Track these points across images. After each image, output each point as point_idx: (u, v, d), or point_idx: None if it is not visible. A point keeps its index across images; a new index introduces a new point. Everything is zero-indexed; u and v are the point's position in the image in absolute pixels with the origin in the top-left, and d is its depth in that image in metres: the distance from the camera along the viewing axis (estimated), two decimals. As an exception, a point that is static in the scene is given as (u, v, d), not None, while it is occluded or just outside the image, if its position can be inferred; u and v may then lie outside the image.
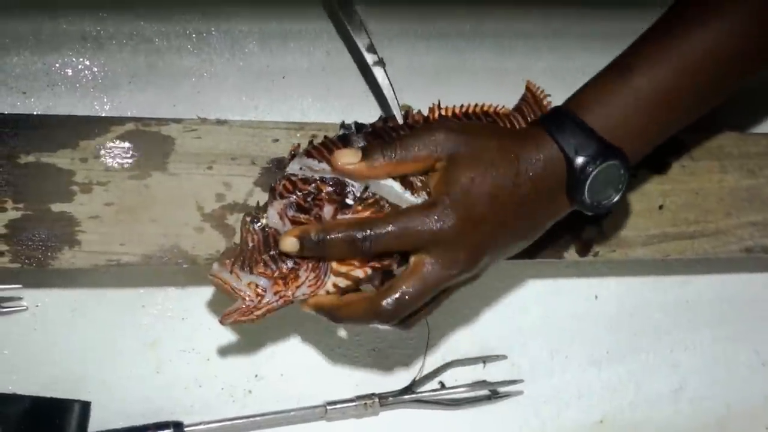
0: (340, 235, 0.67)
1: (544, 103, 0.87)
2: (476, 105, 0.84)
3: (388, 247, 0.67)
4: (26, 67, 0.88)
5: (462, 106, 0.83)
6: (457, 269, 0.68)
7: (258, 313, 0.69)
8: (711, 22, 0.69)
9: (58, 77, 0.89)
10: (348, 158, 0.68)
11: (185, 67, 0.93)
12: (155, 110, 0.91)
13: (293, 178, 0.71)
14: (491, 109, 0.85)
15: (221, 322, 0.70)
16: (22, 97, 0.88)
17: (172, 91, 0.92)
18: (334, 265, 0.70)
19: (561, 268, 1.09)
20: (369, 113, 0.80)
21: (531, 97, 0.89)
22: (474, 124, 0.77)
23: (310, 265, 0.69)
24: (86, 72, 0.90)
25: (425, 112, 0.81)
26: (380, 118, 0.78)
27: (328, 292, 0.72)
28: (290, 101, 0.97)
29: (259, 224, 0.69)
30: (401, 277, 0.68)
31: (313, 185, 0.70)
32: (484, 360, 1.05)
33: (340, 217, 0.69)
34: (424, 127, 0.70)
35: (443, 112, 0.81)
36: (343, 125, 0.77)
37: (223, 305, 0.91)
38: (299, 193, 0.70)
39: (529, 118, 0.86)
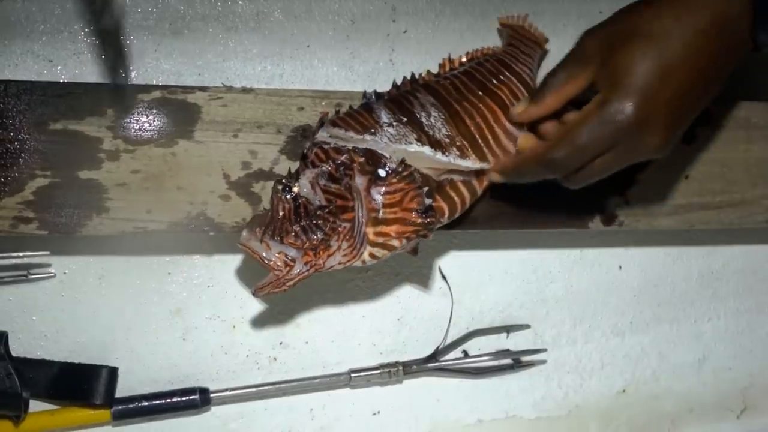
0: (534, 164, 0.70)
1: (526, 25, 0.94)
2: (476, 50, 0.86)
3: (583, 160, 0.68)
4: (52, 35, 0.88)
5: (467, 53, 0.85)
6: (650, 154, 0.68)
7: (290, 283, 0.69)
8: None
9: (84, 45, 0.89)
10: (520, 107, 0.76)
11: (210, 36, 0.93)
12: (181, 78, 0.92)
13: (325, 147, 0.71)
14: (489, 51, 0.88)
15: (254, 294, 0.70)
16: (48, 65, 0.88)
17: (197, 59, 0.92)
18: (370, 235, 0.70)
19: (585, 238, 1.09)
20: (393, 81, 0.80)
21: (512, 29, 0.95)
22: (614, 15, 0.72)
23: (342, 235, 0.70)
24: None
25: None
26: (393, 85, 0.80)
27: (364, 262, 0.72)
28: (315, 69, 0.97)
29: (290, 193, 0.69)
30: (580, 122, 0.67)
31: (346, 155, 0.70)
32: (508, 329, 1.05)
33: (373, 189, 0.70)
34: (572, 49, 0.71)
35: (452, 65, 0.85)
36: (365, 95, 0.78)
37: (249, 273, 0.93)
38: (331, 163, 0.70)
39: (522, 47, 0.90)
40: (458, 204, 0.78)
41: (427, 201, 0.70)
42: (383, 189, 0.70)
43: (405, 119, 0.73)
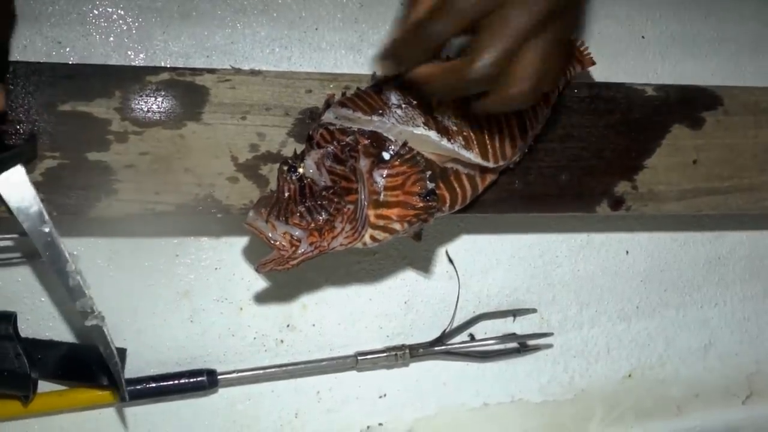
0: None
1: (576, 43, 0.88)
2: None
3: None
4: (61, 17, 0.88)
5: None
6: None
7: (293, 262, 0.69)
8: None
9: (93, 27, 0.89)
10: (423, 70, 0.63)
11: (219, 18, 0.93)
12: (189, 60, 0.91)
13: (331, 128, 0.71)
14: None
15: (257, 270, 0.70)
16: (57, 47, 0.88)
17: (206, 41, 0.92)
18: (372, 217, 0.70)
19: (592, 223, 1.09)
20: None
21: None
22: None
23: (346, 216, 0.70)
24: (120, 22, 0.90)
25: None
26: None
27: (365, 244, 0.72)
28: (323, 52, 0.97)
29: (296, 174, 0.69)
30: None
31: (351, 137, 0.70)
32: (514, 313, 1.06)
33: (376, 171, 0.70)
34: None
35: None
36: (374, 76, 0.78)
37: (256, 256, 0.93)
38: (337, 144, 0.70)
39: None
40: (459, 196, 0.77)
41: (429, 185, 0.70)
42: (385, 172, 0.70)
43: (415, 102, 0.73)
